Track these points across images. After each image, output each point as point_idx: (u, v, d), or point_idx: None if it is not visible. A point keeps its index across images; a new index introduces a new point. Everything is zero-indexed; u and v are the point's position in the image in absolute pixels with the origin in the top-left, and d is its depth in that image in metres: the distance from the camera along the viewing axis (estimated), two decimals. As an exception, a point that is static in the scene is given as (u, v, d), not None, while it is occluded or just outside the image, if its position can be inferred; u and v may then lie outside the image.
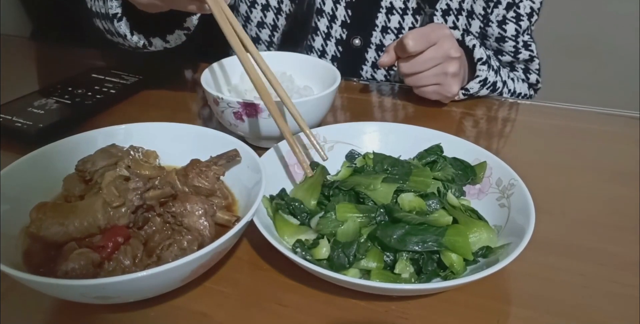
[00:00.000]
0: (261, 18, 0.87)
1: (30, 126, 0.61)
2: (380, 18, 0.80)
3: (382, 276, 0.40)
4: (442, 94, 0.70)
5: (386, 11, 0.80)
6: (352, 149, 0.55)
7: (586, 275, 0.44)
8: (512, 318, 0.40)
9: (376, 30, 0.81)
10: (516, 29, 0.78)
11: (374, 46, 0.83)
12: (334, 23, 0.82)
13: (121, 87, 0.74)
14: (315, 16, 0.82)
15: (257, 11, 0.86)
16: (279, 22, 0.86)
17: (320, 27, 0.83)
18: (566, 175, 0.59)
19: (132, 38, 0.65)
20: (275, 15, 0.86)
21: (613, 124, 0.71)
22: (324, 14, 0.82)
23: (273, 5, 0.85)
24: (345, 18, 0.82)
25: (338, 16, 0.82)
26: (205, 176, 0.46)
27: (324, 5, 0.81)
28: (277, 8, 0.85)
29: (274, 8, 0.85)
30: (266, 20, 0.87)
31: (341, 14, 0.82)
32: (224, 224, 0.44)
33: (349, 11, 0.81)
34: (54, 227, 0.39)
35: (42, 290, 0.35)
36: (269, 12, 0.86)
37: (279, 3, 0.84)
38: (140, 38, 0.66)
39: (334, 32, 0.83)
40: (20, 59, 0.92)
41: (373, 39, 0.82)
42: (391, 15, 0.80)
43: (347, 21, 0.82)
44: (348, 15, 0.81)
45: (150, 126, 0.51)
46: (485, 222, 0.45)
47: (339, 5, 0.81)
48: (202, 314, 0.39)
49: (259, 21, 0.87)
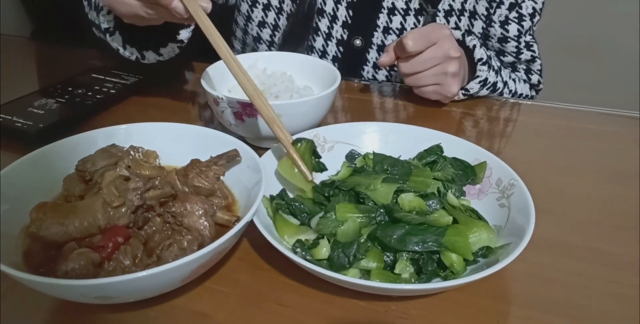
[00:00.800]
0: (262, 17, 0.87)
1: (30, 126, 0.61)
2: (382, 18, 0.80)
3: (382, 276, 0.40)
4: (441, 94, 0.70)
5: (388, 12, 0.80)
6: (352, 149, 0.55)
7: (586, 275, 0.44)
8: (512, 318, 0.40)
9: (377, 30, 0.81)
10: (518, 29, 0.78)
11: (376, 47, 0.83)
12: (334, 23, 0.82)
13: (121, 87, 0.74)
14: (316, 16, 0.82)
15: (259, 11, 0.86)
16: (280, 21, 0.86)
17: (321, 28, 0.83)
18: (566, 175, 0.59)
19: (125, 52, 0.67)
20: (276, 14, 0.86)
21: (613, 124, 0.71)
22: (325, 14, 0.82)
23: (274, 5, 0.85)
24: (346, 18, 0.82)
25: (339, 16, 0.82)
26: (205, 176, 0.46)
27: (325, 5, 0.81)
28: (278, 8, 0.85)
29: (275, 8, 0.85)
30: (267, 19, 0.86)
31: (342, 14, 0.81)
32: (224, 224, 0.44)
33: (350, 11, 0.81)
34: (54, 227, 0.39)
35: (42, 290, 0.35)
36: (270, 11, 0.86)
37: (280, 3, 0.84)
38: (132, 52, 0.67)
39: (334, 33, 0.83)
40: (20, 59, 0.92)
41: (374, 39, 0.82)
42: (393, 15, 0.80)
43: (348, 21, 0.82)
44: (349, 15, 0.81)
45: (150, 126, 0.51)
46: (485, 223, 0.45)
47: (340, 5, 0.81)
48: (202, 314, 0.39)
49: (260, 20, 0.87)
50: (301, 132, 0.54)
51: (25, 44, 1.02)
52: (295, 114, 0.56)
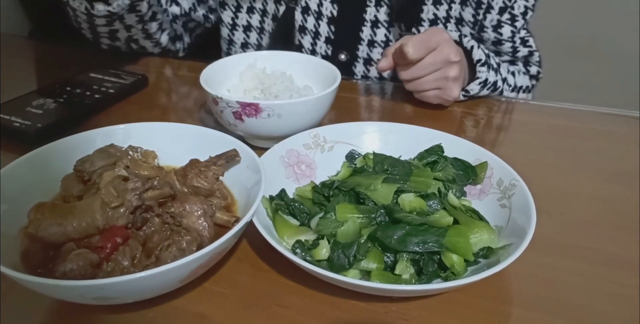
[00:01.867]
0: (244, 39, 0.87)
1: (29, 126, 0.61)
2: (365, 32, 0.80)
3: (382, 277, 0.40)
4: (443, 98, 0.69)
5: (371, 25, 0.79)
6: (352, 149, 0.55)
7: (586, 275, 0.44)
8: (512, 318, 0.40)
9: (362, 44, 0.81)
10: (512, 30, 0.78)
11: (362, 60, 0.83)
12: (317, 40, 0.82)
13: (120, 86, 0.74)
14: (299, 34, 0.82)
15: (239, 33, 0.87)
16: (263, 41, 0.86)
17: (304, 45, 0.83)
18: (566, 175, 0.59)
19: (74, 3, 0.70)
20: (258, 35, 0.86)
21: (613, 124, 0.71)
22: (307, 31, 0.82)
23: (255, 26, 0.85)
24: (328, 34, 0.81)
25: (321, 33, 0.81)
26: (205, 176, 0.46)
27: (306, 22, 0.81)
28: (259, 28, 0.85)
29: (256, 28, 0.85)
30: (250, 40, 0.87)
31: (324, 30, 0.81)
32: (223, 225, 0.44)
33: (332, 27, 0.81)
34: (52, 228, 0.39)
35: (40, 291, 0.35)
36: (252, 32, 0.86)
37: (261, 22, 0.84)
38: (82, 2, 0.70)
39: (319, 49, 0.83)
40: (18, 58, 0.91)
41: (359, 53, 0.82)
42: (376, 28, 0.79)
43: (330, 37, 0.82)
44: (331, 31, 0.81)
45: (149, 125, 0.51)
46: (486, 223, 0.45)
47: (321, 21, 0.80)
48: (201, 315, 0.39)
49: (242, 42, 0.87)
50: (301, 132, 0.54)
51: (24, 43, 1.02)
52: (295, 114, 0.56)
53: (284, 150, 0.52)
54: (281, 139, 0.52)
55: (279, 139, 0.52)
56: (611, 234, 0.49)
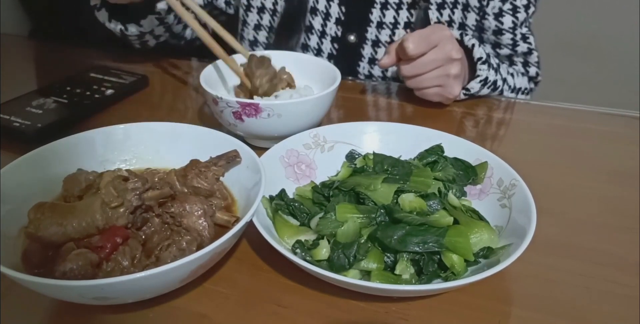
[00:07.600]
0: (257, 21, 0.87)
1: (29, 126, 0.61)
2: (375, 13, 0.80)
3: (382, 277, 0.40)
4: (443, 96, 0.69)
5: (380, 6, 0.80)
6: (352, 149, 0.55)
7: (586, 275, 0.44)
8: (513, 318, 0.40)
9: (371, 26, 0.82)
10: (513, 21, 0.78)
11: (370, 42, 0.83)
12: (328, 21, 0.83)
13: (120, 86, 0.74)
14: (310, 15, 0.83)
15: (254, 14, 0.87)
16: (275, 23, 0.86)
17: (315, 26, 0.84)
18: (566, 175, 0.59)
19: (110, 25, 0.78)
20: (271, 16, 0.86)
21: (613, 124, 0.71)
22: (318, 12, 0.82)
23: (268, 7, 0.85)
24: (339, 15, 0.82)
25: (332, 13, 0.82)
26: (205, 177, 0.46)
27: (318, 3, 0.82)
28: (272, 9, 0.85)
29: (269, 10, 0.86)
30: (262, 22, 0.87)
31: (335, 11, 0.82)
32: (223, 225, 0.44)
33: (343, 8, 0.81)
34: (52, 228, 0.39)
35: (40, 291, 0.35)
36: (265, 14, 0.86)
37: (274, 4, 0.85)
38: (117, 24, 0.77)
39: (328, 30, 0.84)
40: (18, 58, 0.91)
41: (368, 35, 0.82)
42: (385, 10, 0.80)
43: (341, 18, 0.82)
44: (342, 12, 0.82)
45: (149, 125, 0.51)
46: (487, 223, 0.45)
47: (332, 2, 0.81)
48: (201, 315, 0.39)
49: (255, 24, 0.88)
50: (301, 132, 0.54)
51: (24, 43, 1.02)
52: (295, 114, 0.56)
53: (284, 150, 0.52)
54: (281, 139, 0.52)
55: (279, 139, 0.52)
56: (611, 234, 0.49)
